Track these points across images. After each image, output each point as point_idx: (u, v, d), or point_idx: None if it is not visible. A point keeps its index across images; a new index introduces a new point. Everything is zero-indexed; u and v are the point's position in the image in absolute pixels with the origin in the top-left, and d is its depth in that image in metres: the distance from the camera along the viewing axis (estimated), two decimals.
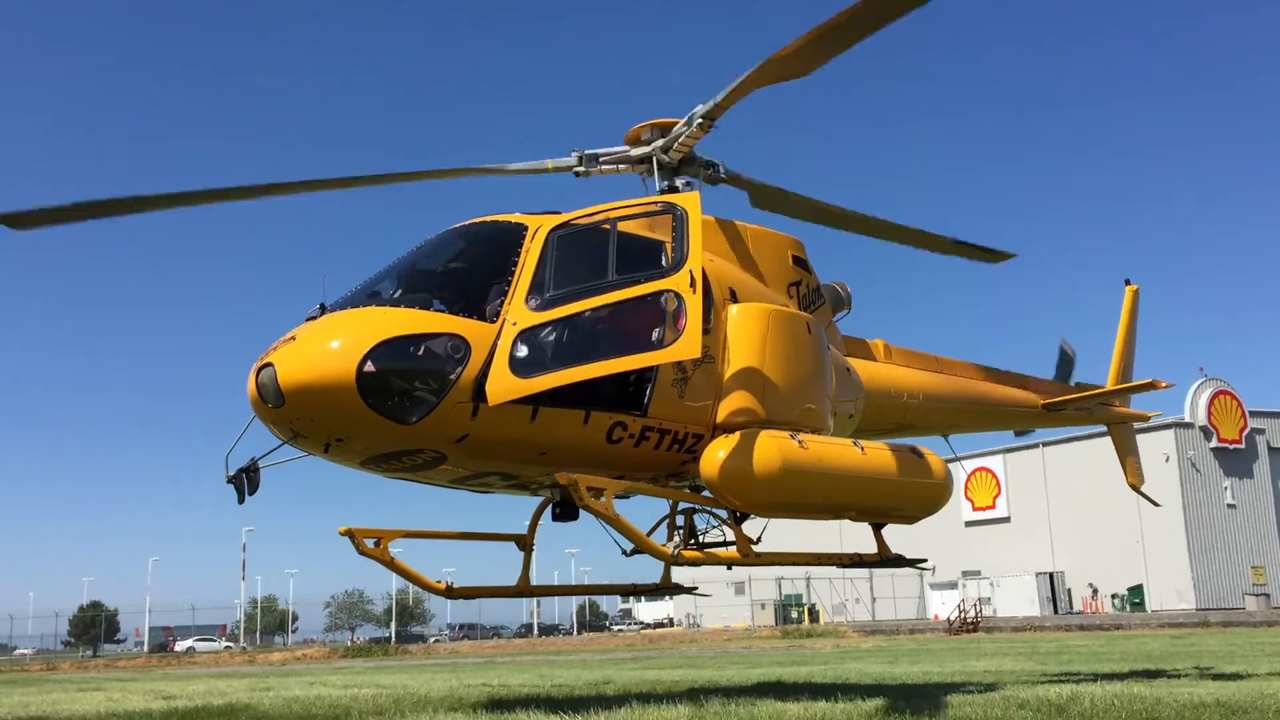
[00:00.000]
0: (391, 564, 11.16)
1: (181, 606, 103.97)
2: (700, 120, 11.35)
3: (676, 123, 11.66)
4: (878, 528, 11.99)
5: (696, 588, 13.49)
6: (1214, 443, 77.60)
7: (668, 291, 9.70)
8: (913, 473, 11.51)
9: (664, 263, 10.11)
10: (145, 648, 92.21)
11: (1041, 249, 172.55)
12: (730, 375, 10.73)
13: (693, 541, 12.09)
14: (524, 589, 12.30)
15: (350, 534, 10.81)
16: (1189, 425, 76.65)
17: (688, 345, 9.47)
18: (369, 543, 10.90)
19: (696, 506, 11.70)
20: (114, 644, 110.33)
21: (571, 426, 9.72)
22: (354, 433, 9.16)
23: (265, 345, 9.42)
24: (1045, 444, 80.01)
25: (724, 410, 10.63)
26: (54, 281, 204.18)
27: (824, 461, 10.56)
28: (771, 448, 10.16)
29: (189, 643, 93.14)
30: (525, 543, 12.13)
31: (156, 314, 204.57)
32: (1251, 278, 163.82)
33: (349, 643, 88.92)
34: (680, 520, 12.23)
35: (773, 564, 11.62)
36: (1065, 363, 17.86)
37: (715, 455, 10.15)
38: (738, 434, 10.31)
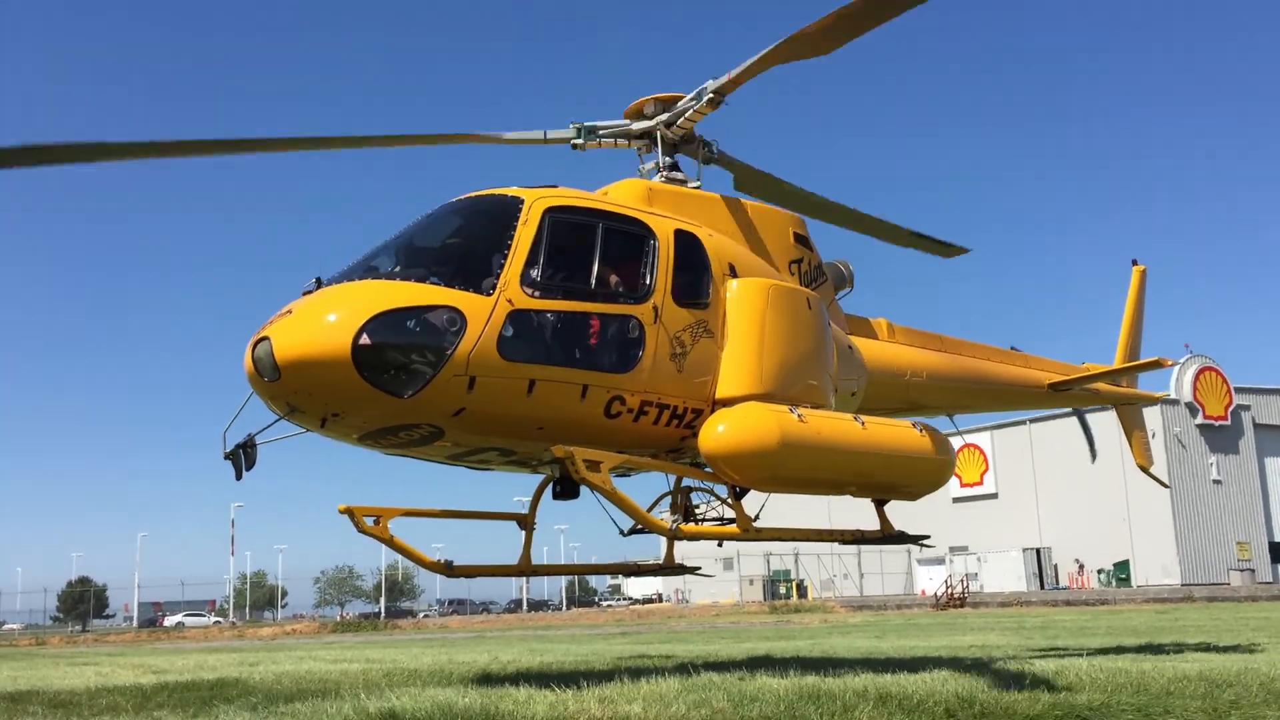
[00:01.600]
0: (390, 542, 11.10)
1: (170, 582, 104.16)
2: (711, 96, 11.55)
3: (681, 97, 11.72)
4: (880, 504, 11.91)
5: (700, 567, 13.44)
6: (1199, 419, 78.07)
7: (633, 318, 10.04)
8: (915, 448, 11.45)
9: (643, 268, 10.33)
10: (134, 623, 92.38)
11: (1029, 227, 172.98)
12: (730, 350, 10.72)
13: (692, 518, 12.08)
14: (525, 568, 12.29)
15: (350, 512, 10.78)
16: (1174, 402, 77.01)
17: (638, 375, 10.01)
18: (369, 521, 10.86)
19: (696, 483, 11.68)
20: (103, 619, 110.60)
21: (569, 400, 9.68)
22: (350, 407, 9.13)
23: (251, 318, 9.40)
24: (1033, 421, 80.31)
25: (723, 385, 10.61)
26: (40, 254, 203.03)
27: (824, 436, 10.51)
28: (770, 422, 10.13)
29: (178, 618, 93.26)
30: (526, 521, 12.14)
31: (143, 287, 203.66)
32: (1237, 254, 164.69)
33: (338, 618, 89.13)
34: (680, 496, 12.22)
35: (773, 539, 11.53)
36: (1087, 435, 18.67)
37: (714, 430, 10.15)
38: (736, 408, 10.32)
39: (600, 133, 12.09)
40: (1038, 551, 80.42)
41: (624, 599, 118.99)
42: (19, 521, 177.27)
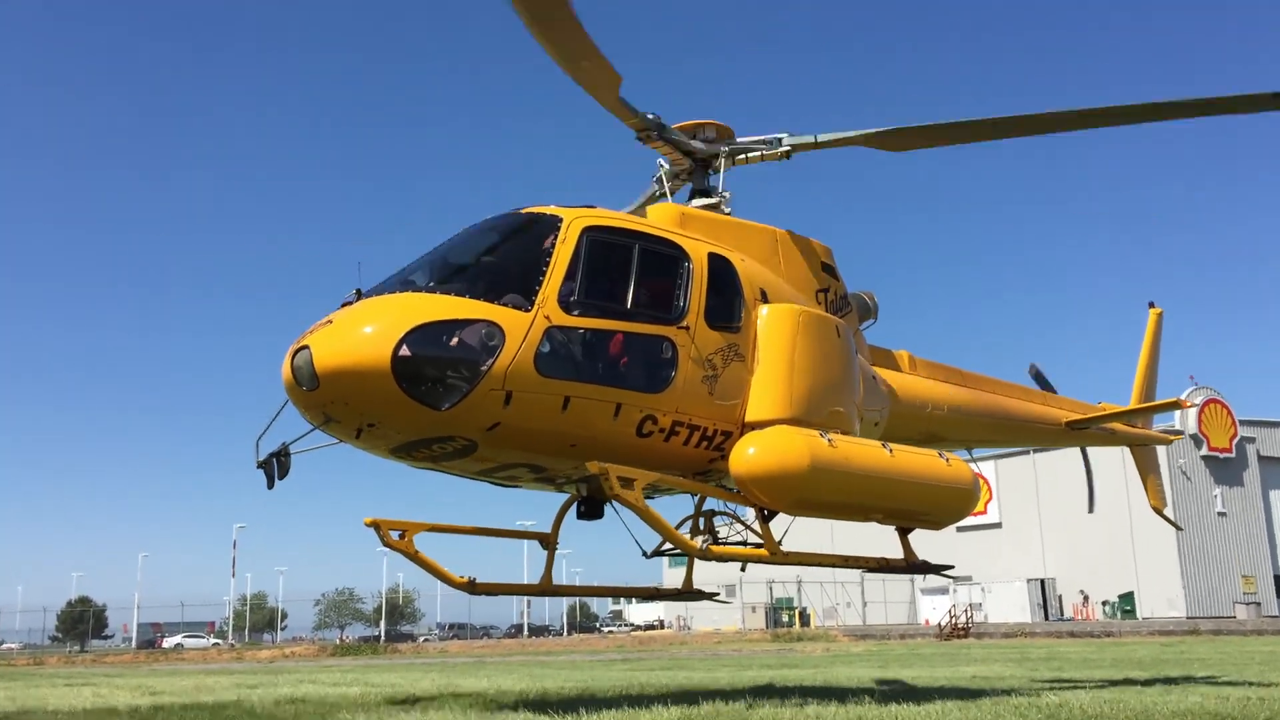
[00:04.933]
0: (415, 557, 11.13)
1: (170, 602, 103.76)
2: (786, 149, 12.20)
3: (727, 130, 12.24)
4: (904, 532, 11.97)
5: (718, 593, 13.42)
6: (1204, 451, 77.91)
7: (667, 339, 10.09)
8: (941, 477, 11.53)
9: (677, 290, 10.42)
10: (133, 644, 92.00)
11: (1027, 256, 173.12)
12: (760, 374, 10.82)
13: (714, 541, 12.08)
14: (547, 587, 12.36)
15: (376, 525, 10.81)
16: (1179, 434, 76.76)
17: (671, 396, 10.08)
18: (394, 535, 10.89)
19: (723, 505, 11.75)
20: (102, 639, 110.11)
21: (603, 418, 9.73)
22: (386, 418, 9.16)
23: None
24: (1038, 451, 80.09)
25: (753, 408, 10.70)
26: (47, 273, 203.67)
27: (853, 461, 10.61)
28: (801, 445, 10.23)
29: (177, 639, 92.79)
30: (549, 541, 12.17)
31: (146, 305, 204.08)
32: (1241, 285, 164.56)
33: (338, 641, 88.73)
34: (703, 519, 12.23)
35: (800, 563, 11.62)
36: (1089, 485, 18.53)
37: (745, 452, 10.25)
38: (768, 431, 10.41)
39: (666, 135, 12.08)
40: (1042, 582, 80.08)
41: (626, 625, 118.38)
42: (19, 540, 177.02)
